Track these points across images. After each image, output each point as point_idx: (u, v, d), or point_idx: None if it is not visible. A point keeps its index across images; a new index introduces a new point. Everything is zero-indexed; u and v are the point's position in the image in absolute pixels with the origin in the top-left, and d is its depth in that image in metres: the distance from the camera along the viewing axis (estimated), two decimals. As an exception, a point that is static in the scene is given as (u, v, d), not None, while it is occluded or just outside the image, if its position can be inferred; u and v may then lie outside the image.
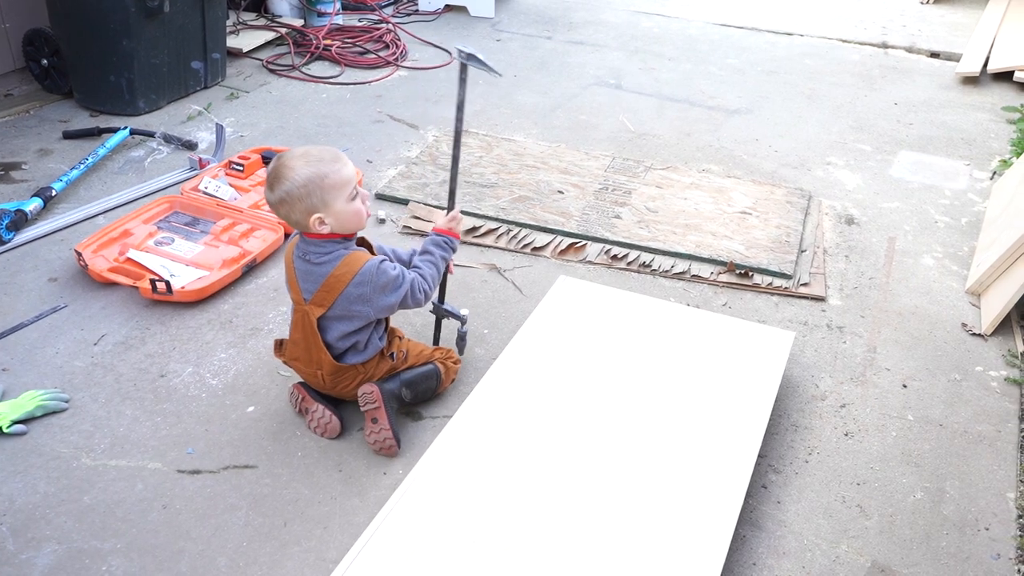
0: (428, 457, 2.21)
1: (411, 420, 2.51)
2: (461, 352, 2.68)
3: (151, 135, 3.99)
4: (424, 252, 2.49)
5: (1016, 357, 2.85)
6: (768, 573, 2.10)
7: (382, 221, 3.45)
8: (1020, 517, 2.28)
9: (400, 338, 2.55)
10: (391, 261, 2.38)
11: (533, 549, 1.96)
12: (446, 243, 2.50)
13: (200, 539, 2.13)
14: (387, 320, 2.47)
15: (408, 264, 2.51)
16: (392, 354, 2.45)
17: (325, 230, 2.23)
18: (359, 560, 1.93)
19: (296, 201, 2.18)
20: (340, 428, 2.42)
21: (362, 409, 2.35)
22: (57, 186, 3.46)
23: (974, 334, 2.96)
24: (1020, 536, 2.23)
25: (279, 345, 2.48)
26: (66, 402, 2.51)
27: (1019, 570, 2.14)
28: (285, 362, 2.48)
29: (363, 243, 2.41)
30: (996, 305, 2.97)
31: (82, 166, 3.62)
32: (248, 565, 2.07)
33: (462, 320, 2.64)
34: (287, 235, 3.26)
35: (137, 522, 2.17)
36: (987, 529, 2.25)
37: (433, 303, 2.67)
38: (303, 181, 2.16)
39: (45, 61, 4.33)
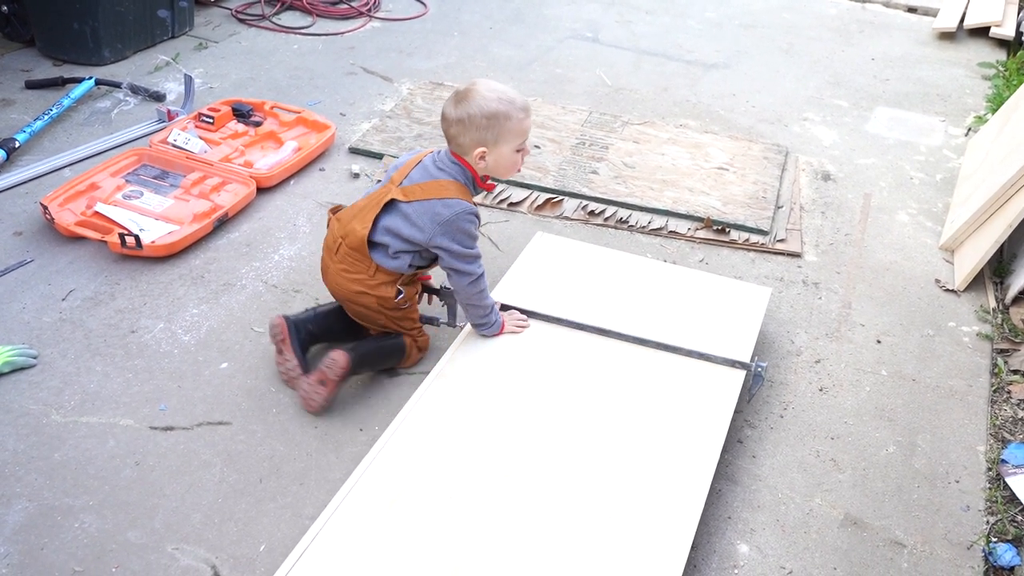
0: (405, 413, 2.19)
1: (387, 377, 2.49)
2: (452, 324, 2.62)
3: (117, 86, 3.89)
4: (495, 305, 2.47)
5: (988, 313, 2.87)
6: (743, 526, 2.12)
7: (356, 175, 3.40)
8: (990, 470, 2.32)
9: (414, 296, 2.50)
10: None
11: (510, 506, 1.96)
12: (491, 324, 2.44)
13: (174, 496, 2.11)
14: (420, 274, 2.46)
15: None
16: (399, 292, 2.39)
17: (480, 165, 2.31)
18: (336, 516, 1.92)
19: (473, 128, 2.24)
20: (345, 369, 2.37)
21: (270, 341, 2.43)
22: (20, 137, 3.37)
23: (947, 290, 2.98)
24: (989, 488, 2.26)
25: (336, 209, 2.47)
26: (34, 358, 2.46)
27: (988, 521, 2.18)
28: (330, 218, 2.45)
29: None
30: (969, 261, 2.99)
31: (46, 117, 3.52)
32: (223, 521, 2.05)
33: (437, 322, 2.61)
34: (260, 189, 3.20)
35: (109, 479, 2.14)
36: (958, 482, 2.28)
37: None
38: (490, 113, 2.23)
39: (5, 8, 4.19)
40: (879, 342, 2.74)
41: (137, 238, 2.80)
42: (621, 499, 1.99)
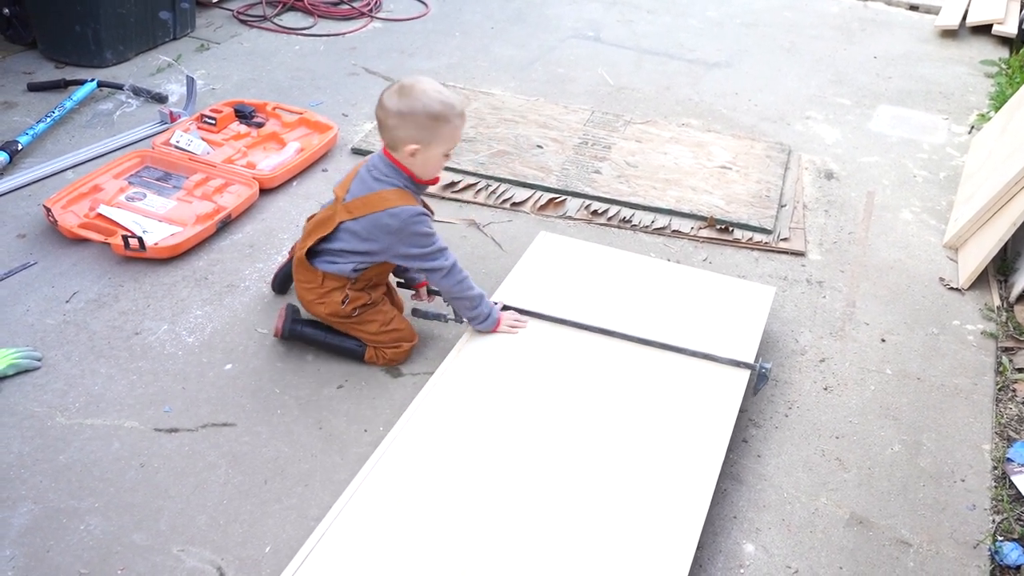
0: (408, 415, 2.19)
1: (391, 377, 2.49)
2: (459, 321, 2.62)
3: (119, 87, 3.89)
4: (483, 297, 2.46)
5: (992, 311, 2.87)
6: (749, 526, 2.12)
7: (359, 176, 3.40)
8: (995, 468, 2.32)
9: (374, 304, 2.49)
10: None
11: (515, 506, 1.96)
12: (484, 317, 2.44)
13: (179, 497, 2.11)
14: (378, 275, 2.45)
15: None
16: (345, 298, 2.42)
17: (407, 162, 2.30)
18: (341, 518, 1.92)
19: (411, 124, 2.23)
20: (279, 330, 2.52)
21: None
22: (23, 140, 3.37)
23: (951, 288, 2.98)
24: (995, 487, 2.26)
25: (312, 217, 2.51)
26: (39, 361, 2.47)
27: (994, 520, 2.17)
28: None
29: (426, 206, 2.44)
30: (973, 259, 2.99)
31: (49, 119, 3.53)
32: (229, 523, 2.05)
33: (444, 318, 2.60)
34: (262, 190, 3.21)
35: (114, 481, 2.14)
36: (963, 480, 2.28)
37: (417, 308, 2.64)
38: (432, 113, 2.23)
39: (7, 10, 4.18)
40: (883, 341, 2.74)
41: (140, 240, 2.80)
42: (627, 499, 1.99)
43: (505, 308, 2.52)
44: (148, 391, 2.40)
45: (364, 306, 2.46)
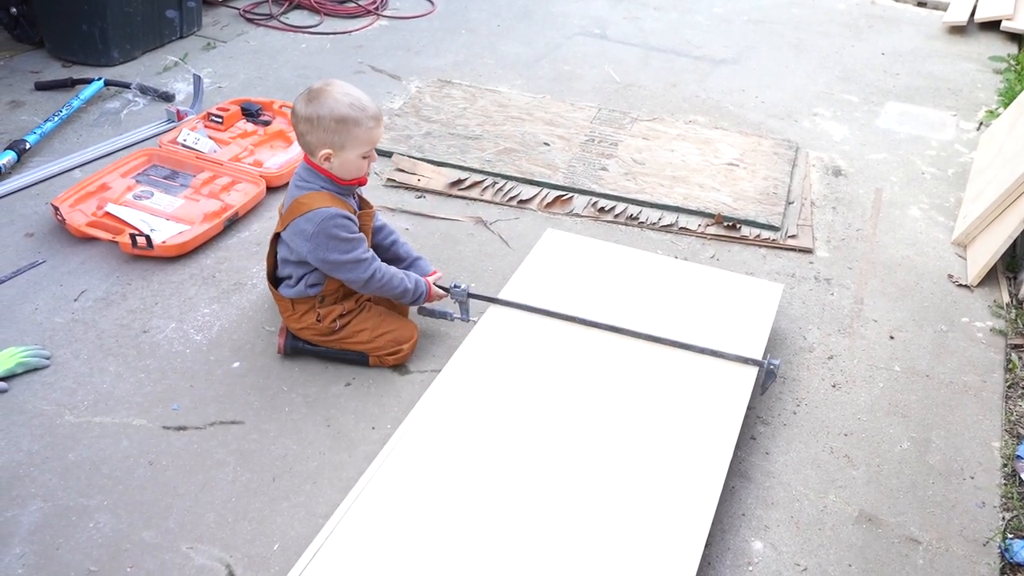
0: (416, 412, 2.19)
1: (398, 375, 2.49)
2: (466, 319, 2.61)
3: (126, 86, 3.90)
4: (405, 273, 2.48)
5: (1001, 308, 2.86)
6: (757, 523, 2.12)
7: (365, 174, 3.40)
8: (1005, 466, 2.31)
9: (354, 312, 2.49)
10: (393, 237, 2.54)
11: (524, 504, 1.96)
12: (418, 292, 2.48)
13: (188, 495, 2.12)
14: (343, 284, 2.43)
15: (401, 261, 2.58)
16: (318, 316, 2.43)
17: (325, 166, 2.29)
18: (349, 515, 1.92)
19: (320, 129, 2.23)
20: (281, 347, 2.51)
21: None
22: (31, 139, 3.38)
23: (960, 285, 2.97)
24: (1005, 484, 2.26)
25: None
26: (47, 359, 2.47)
27: (1003, 517, 2.17)
28: None
29: (364, 203, 2.46)
30: (982, 256, 2.98)
31: (56, 118, 3.54)
32: (237, 520, 2.06)
33: (450, 317, 2.60)
34: (269, 188, 3.21)
35: (123, 479, 2.15)
36: (972, 478, 2.27)
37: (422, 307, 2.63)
38: (338, 117, 2.21)
39: (14, 9, 4.20)
40: (892, 338, 2.73)
41: (148, 238, 2.81)
42: (635, 497, 1.99)
43: (471, 296, 2.54)
44: (156, 389, 2.41)
45: (342, 316, 2.46)
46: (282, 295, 2.43)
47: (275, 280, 2.48)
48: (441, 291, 2.54)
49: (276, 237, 2.42)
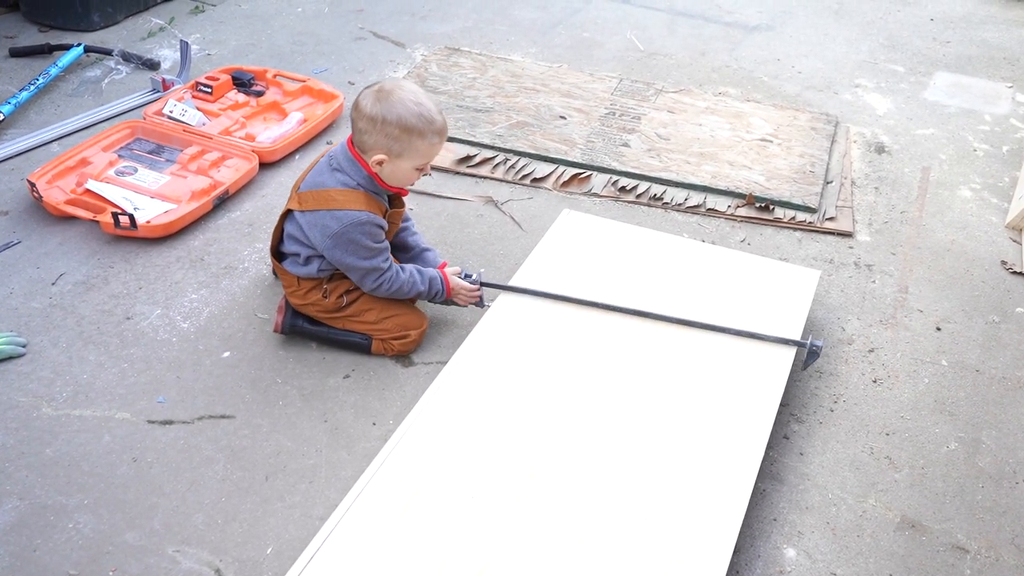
0: (420, 407, 2.20)
1: (401, 367, 2.50)
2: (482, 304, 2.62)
3: (108, 53, 3.91)
4: (418, 270, 2.49)
5: (1060, 297, 2.85)
6: (790, 529, 2.12)
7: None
8: (1061, 469, 2.31)
9: (357, 288, 2.50)
10: (405, 224, 2.57)
11: (537, 505, 1.97)
12: (432, 292, 2.51)
13: (174, 494, 2.13)
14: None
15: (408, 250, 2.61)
16: (325, 292, 2.45)
17: (375, 168, 2.32)
18: (348, 517, 1.93)
19: (381, 133, 2.26)
20: (279, 325, 2.51)
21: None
22: (5, 110, 3.40)
23: (1014, 272, 2.96)
24: (1061, 489, 2.25)
25: None
26: (23, 347, 2.49)
27: (1059, 525, 2.17)
28: None
29: (397, 201, 2.49)
30: (1039, 241, 2.97)
31: (32, 87, 3.55)
32: (227, 522, 2.07)
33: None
34: (262, 164, 3.22)
35: (105, 476, 2.17)
36: (1026, 482, 2.27)
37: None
38: (405, 125, 2.25)
39: (-13, -30, 4.22)
40: (939, 329, 2.73)
41: (131, 217, 2.82)
42: (658, 498, 1.99)
43: (483, 284, 2.56)
44: (140, 380, 2.42)
45: (349, 292, 2.47)
46: (287, 270, 2.45)
47: (278, 254, 2.50)
48: (461, 284, 2.55)
49: (286, 213, 2.43)
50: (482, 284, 2.56)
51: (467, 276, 2.56)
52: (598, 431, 2.15)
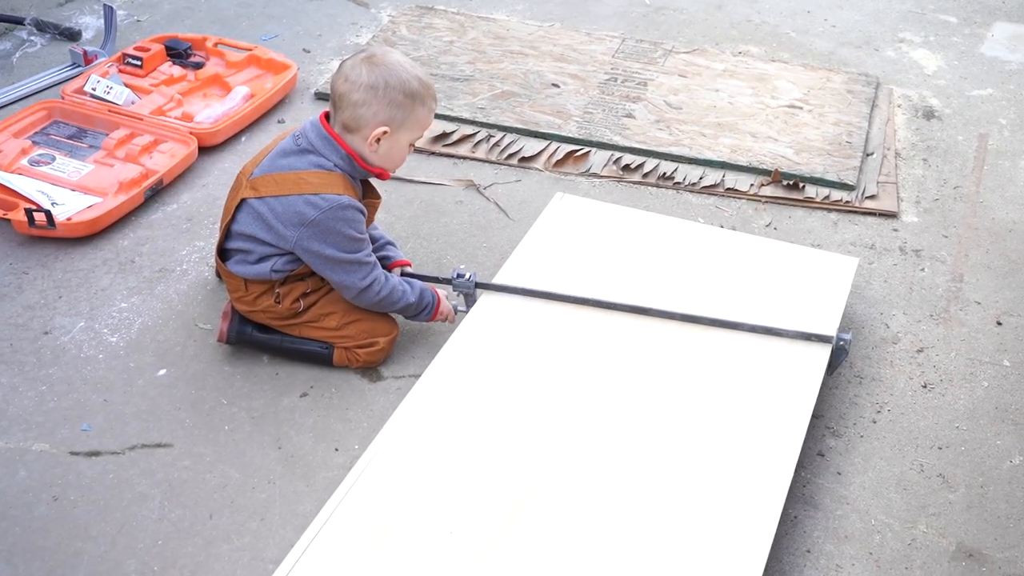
0: (390, 428, 2.20)
1: (368, 381, 2.51)
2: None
3: (19, 22, 3.91)
4: (408, 282, 2.53)
5: None
6: (827, 561, 2.12)
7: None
8: None
9: (323, 291, 2.51)
10: (375, 228, 2.60)
11: (529, 537, 1.97)
12: (423, 305, 2.53)
13: (102, 538, 2.13)
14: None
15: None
16: (277, 296, 2.45)
17: (371, 147, 2.35)
18: (306, 558, 1.93)
19: (385, 101, 2.30)
20: (223, 334, 2.51)
21: None
22: (-101, 91, 3.41)
23: (1088, 256, 2.97)
24: None
25: None
26: (-77, 369, 2.50)
27: None
28: None
29: (370, 191, 2.52)
30: (1116, 218, 2.98)
31: (-70, 64, 3.56)
32: (165, 569, 2.07)
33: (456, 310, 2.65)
34: (202, 148, 3.22)
35: (20, 519, 2.17)
36: (1102, 501, 2.28)
37: None
38: (409, 90, 2.31)
39: None
40: (1000, 324, 2.74)
41: (49, 214, 2.82)
42: (669, 531, 1.99)
43: (479, 285, 2.57)
44: (61, 405, 2.43)
45: (306, 295, 2.48)
46: (232, 272, 2.45)
47: (223, 252, 2.49)
48: (449, 308, 2.59)
49: (240, 203, 2.41)
50: (477, 285, 2.56)
51: (459, 275, 2.56)
52: (598, 454, 2.15)
